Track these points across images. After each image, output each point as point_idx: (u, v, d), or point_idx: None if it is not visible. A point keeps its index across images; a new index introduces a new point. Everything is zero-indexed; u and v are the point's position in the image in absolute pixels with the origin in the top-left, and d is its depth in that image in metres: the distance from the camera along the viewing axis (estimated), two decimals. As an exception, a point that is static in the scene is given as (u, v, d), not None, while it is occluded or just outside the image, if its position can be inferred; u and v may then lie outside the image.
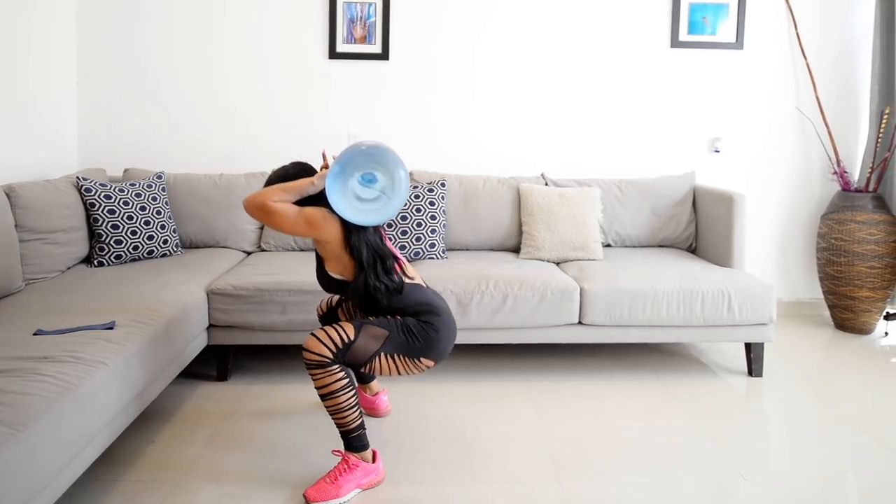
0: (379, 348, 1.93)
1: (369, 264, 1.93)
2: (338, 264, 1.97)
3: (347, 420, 1.94)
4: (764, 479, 2.08)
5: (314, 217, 1.90)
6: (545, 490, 1.99)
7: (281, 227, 1.92)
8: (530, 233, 3.25)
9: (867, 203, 3.50)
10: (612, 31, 3.71)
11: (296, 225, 1.91)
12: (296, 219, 1.90)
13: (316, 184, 1.92)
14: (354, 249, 1.92)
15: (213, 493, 1.94)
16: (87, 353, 1.82)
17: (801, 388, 2.83)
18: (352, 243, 1.92)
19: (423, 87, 3.68)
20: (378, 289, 1.94)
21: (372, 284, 1.93)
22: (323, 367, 1.89)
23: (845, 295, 3.55)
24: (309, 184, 1.92)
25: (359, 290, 1.95)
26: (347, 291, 2.00)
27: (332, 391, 1.90)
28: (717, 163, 3.81)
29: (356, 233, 1.93)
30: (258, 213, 1.91)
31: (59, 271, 2.73)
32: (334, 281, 2.01)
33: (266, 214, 1.90)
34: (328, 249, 1.96)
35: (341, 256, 1.95)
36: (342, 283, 2.00)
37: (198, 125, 3.64)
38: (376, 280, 1.94)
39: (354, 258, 1.93)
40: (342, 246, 1.93)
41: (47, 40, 3.26)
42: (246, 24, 3.61)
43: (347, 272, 1.97)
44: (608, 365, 3.02)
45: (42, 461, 1.49)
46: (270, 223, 1.93)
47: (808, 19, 3.73)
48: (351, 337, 1.91)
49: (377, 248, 1.96)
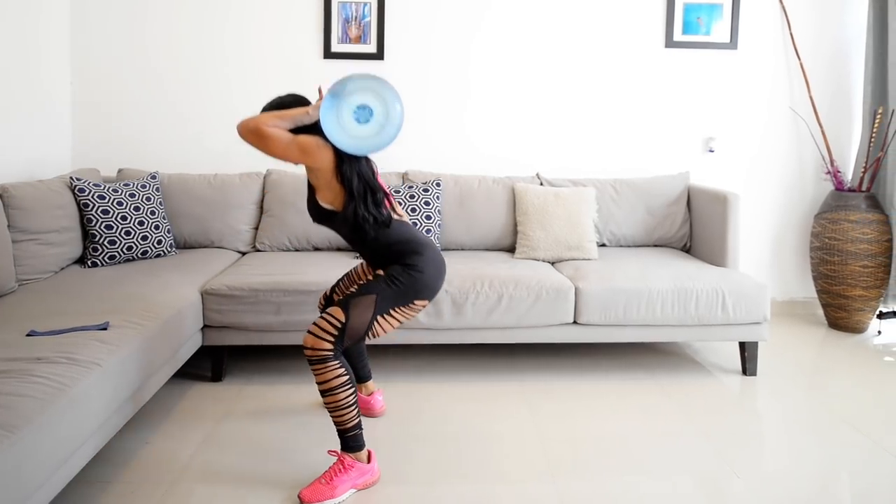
0: (373, 314, 1.94)
1: (360, 194, 1.93)
2: (329, 193, 1.96)
3: (346, 418, 1.95)
4: (758, 477, 2.09)
5: (307, 143, 1.90)
6: (540, 489, 2.00)
7: (274, 153, 1.91)
8: (525, 232, 3.26)
9: (860, 202, 3.51)
10: (607, 31, 3.71)
11: (288, 150, 1.90)
12: (289, 144, 1.89)
13: (311, 114, 1.92)
14: (346, 178, 1.92)
15: (207, 494, 1.94)
16: (81, 354, 1.81)
17: (794, 386, 2.84)
18: (343, 172, 1.92)
19: (419, 87, 3.68)
20: (366, 219, 1.94)
21: (361, 214, 1.93)
22: (324, 361, 1.90)
23: (839, 294, 3.56)
24: (304, 113, 1.92)
25: (348, 219, 1.94)
26: (336, 221, 1.99)
27: (332, 387, 1.91)
28: (712, 162, 3.83)
29: (349, 162, 1.93)
30: (252, 137, 1.90)
31: (52, 272, 2.71)
32: (324, 211, 2.00)
33: (260, 139, 1.89)
34: (320, 178, 1.95)
35: (332, 185, 1.94)
36: (331, 213, 1.99)
37: (192, 125, 3.63)
38: (365, 210, 1.94)
39: (345, 187, 1.93)
40: (334, 174, 1.93)
41: (40, 39, 3.24)
42: (240, 24, 3.60)
43: (337, 202, 1.96)
44: (603, 364, 3.03)
45: (36, 462, 1.48)
46: (264, 148, 1.91)
47: (802, 20, 3.75)
48: (342, 319, 1.91)
49: (368, 179, 1.97)
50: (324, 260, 3.02)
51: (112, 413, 1.88)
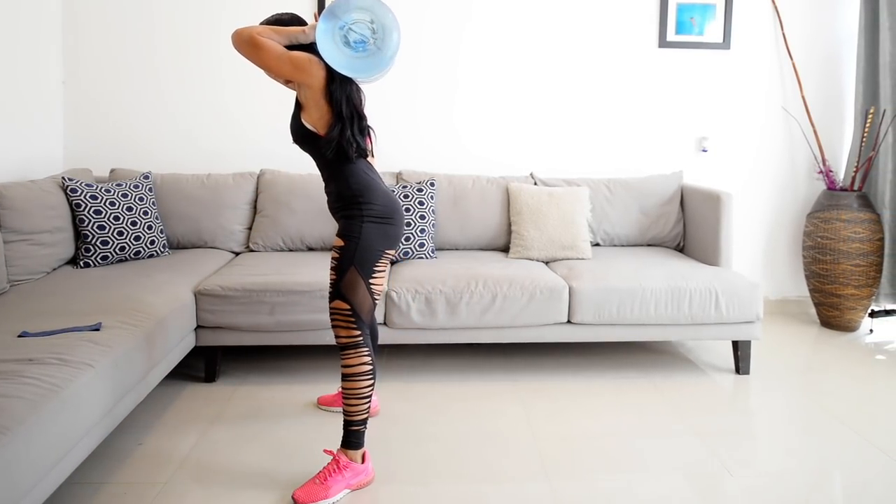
0: (363, 283, 1.95)
1: (347, 117, 1.93)
2: (315, 112, 1.94)
3: (357, 409, 1.96)
4: (751, 475, 2.10)
5: (300, 58, 1.89)
6: (535, 488, 2.00)
7: (266, 64, 1.90)
8: (519, 232, 3.26)
9: (852, 202, 3.53)
10: (600, 31, 3.72)
11: (280, 63, 1.89)
12: (281, 57, 1.88)
13: (307, 33, 1.91)
14: (334, 98, 1.91)
15: (201, 495, 1.93)
16: (73, 355, 1.80)
17: (787, 385, 2.85)
18: (333, 91, 1.91)
19: (411, 87, 3.68)
20: (350, 143, 1.93)
21: (346, 137, 1.92)
22: (357, 346, 1.96)
23: (831, 293, 3.58)
24: (300, 31, 1.92)
25: (332, 140, 1.92)
26: (319, 143, 1.95)
27: (357, 373, 1.95)
28: (705, 162, 3.84)
29: (339, 83, 1.92)
30: (245, 46, 1.89)
31: (44, 272, 2.70)
32: (306, 132, 1.97)
33: (253, 48, 1.88)
34: (309, 96, 1.94)
35: (320, 104, 1.93)
36: (313, 136, 1.96)
37: (185, 125, 3.61)
38: (351, 135, 1.93)
39: (334, 108, 1.92)
40: (323, 93, 1.91)
41: (32, 39, 3.23)
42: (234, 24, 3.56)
43: (321, 125, 1.94)
44: (597, 363, 3.04)
45: (27, 464, 1.47)
46: (256, 58, 1.90)
47: (795, 20, 3.77)
48: (347, 306, 1.94)
49: (357, 105, 1.97)
50: (318, 260, 3.02)
51: (105, 414, 1.87)
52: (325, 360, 2.98)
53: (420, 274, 2.82)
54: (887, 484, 2.07)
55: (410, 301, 2.71)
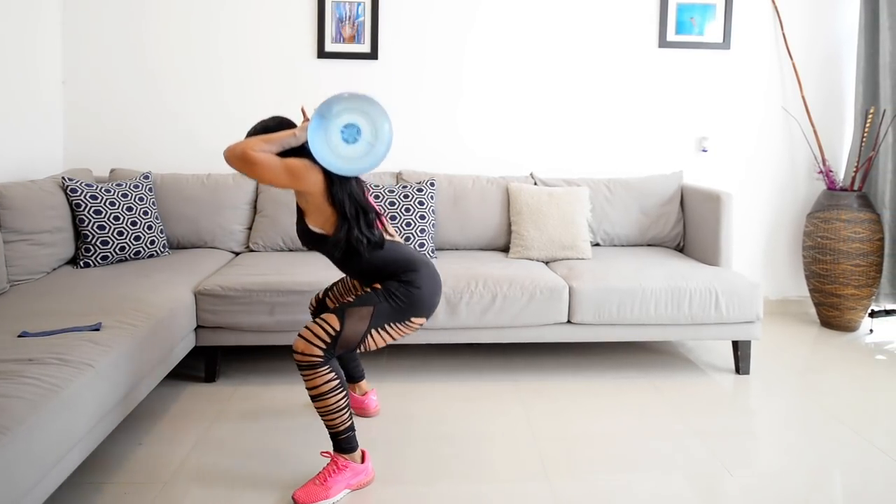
0: (368, 327, 1.92)
1: (352, 216, 1.90)
2: (319, 217, 1.93)
3: (337, 421, 1.94)
4: (751, 475, 2.10)
5: (296, 167, 1.86)
6: (535, 488, 2.00)
7: (263, 178, 1.88)
8: (519, 232, 3.26)
9: (852, 202, 3.53)
10: (601, 31, 3.72)
11: (278, 175, 1.86)
12: (278, 169, 1.85)
13: (298, 136, 1.88)
14: (337, 200, 1.89)
15: (201, 496, 1.93)
16: (73, 355, 1.80)
17: (787, 385, 2.85)
18: (334, 194, 1.89)
19: (413, 87, 3.68)
20: (360, 241, 1.91)
21: (354, 237, 1.90)
22: (314, 367, 1.88)
23: (831, 293, 3.58)
24: (291, 135, 1.88)
25: (340, 242, 1.91)
26: (327, 245, 1.95)
27: (322, 392, 1.89)
28: (705, 162, 3.84)
29: (339, 184, 1.90)
30: (239, 163, 1.86)
31: (44, 272, 2.70)
32: (315, 235, 1.97)
33: (247, 164, 1.85)
34: (310, 201, 1.92)
35: (323, 208, 1.91)
36: (322, 237, 1.96)
37: (185, 125, 3.62)
38: (359, 232, 1.91)
39: (337, 210, 1.90)
40: (324, 197, 1.90)
41: (32, 39, 3.23)
42: (234, 24, 3.59)
43: (328, 225, 1.93)
44: (597, 363, 3.04)
45: (27, 464, 1.47)
46: (252, 173, 1.87)
47: (795, 20, 3.77)
48: (336, 327, 1.89)
49: (360, 200, 1.93)
50: (317, 260, 3.02)
51: (105, 414, 1.87)
52: (325, 360, 2.98)
53: (420, 274, 2.82)
54: (887, 484, 2.07)
55: (410, 301, 2.71)
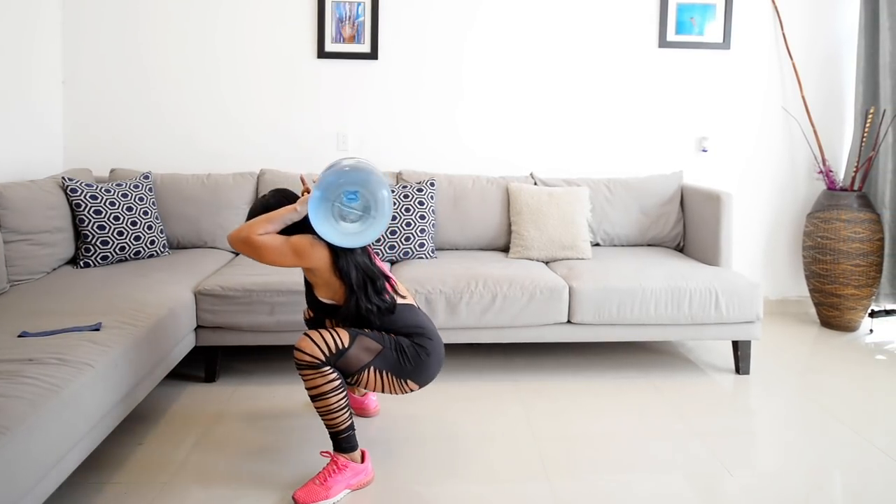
0: (370, 361, 1.93)
1: (360, 286, 1.91)
2: (328, 290, 1.96)
3: (337, 421, 1.94)
4: (751, 475, 2.10)
5: (301, 245, 1.88)
6: (535, 488, 2.00)
7: (268, 260, 1.90)
8: (519, 232, 3.26)
9: (852, 202, 3.53)
10: (601, 31, 3.72)
11: (283, 256, 1.88)
12: (282, 250, 1.88)
13: (298, 210, 1.90)
14: (343, 273, 1.90)
15: (201, 496, 1.93)
16: (73, 355, 1.80)
17: (787, 385, 2.85)
18: (340, 267, 1.90)
19: (413, 87, 3.68)
20: (370, 310, 1.93)
21: (364, 307, 1.92)
22: (314, 367, 1.88)
23: (831, 293, 3.58)
24: (291, 211, 1.90)
25: (350, 313, 1.93)
26: (339, 314, 1.97)
27: (322, 392, 1.89)
28: (705, 162, 3.84)
29: (344, 256, 1.91)
30: (244, 248, 1.89)
31: (44, 272, 2.70)
32: (326, 306, 1.99)
33: (252, 249, 1.88)
34: (318, 276, 1.94)
35: (331, 281, 1.93)
36: (334, 307, 1.98)
37: (185, 125, 3.62)
38: (367, 302, 1.92)
39: (344, 282, 1.91)
40: (331, 271, 1.91)
41: (32, 39, 3.23)
42: (234, 24, 3.59)
43: (338, 296, 1.95)
44: (597, 363, 3.04)
45: (27, 464, 1.47)
46: (257, 257, 1.90)
47: (795, 20, 3.77)
48: (346, 344, 1.89)
49: (367, 268, 1.94)
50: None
51: (105, 414, 1.87)
52: (325, 360, 2.98)
53: (420, 274, 2.82)
54: (887, 484, 2.07)
55: (410, 301, 2.71)
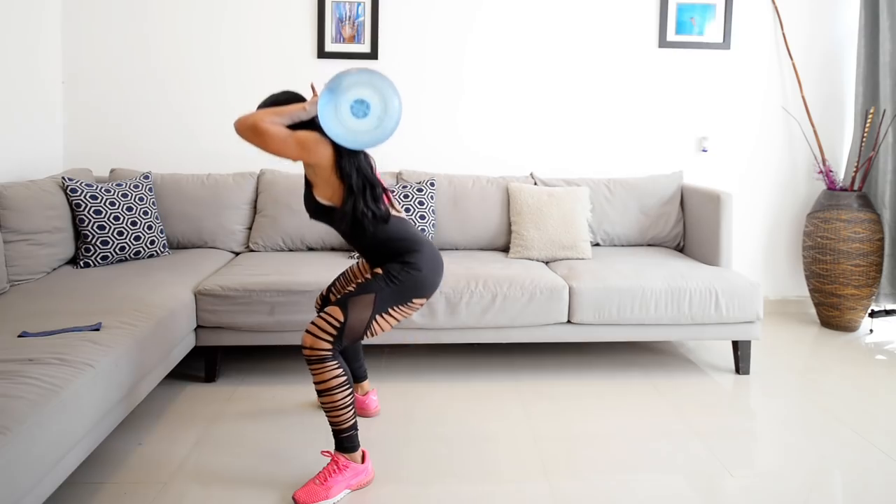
0: (371, 313, 1.93)
1: (359, 189, 1.93)
2: (327, 189, 1.95)
3: (342, 419, 1.94)
4: (751, 475, 2.10)
5: (306, 139, 1.89)
6: (535, 488, 2.00)
7: (272, 149, 1.90)
8: (519, 232, 3.26)
9: (852, 202, 3.53)
10: (601, 31, 3.72)
11: (287, 146, 1.89)
12: (287, 140, 1.88)
13: (308, 109, 1.91)
14: (345, 174, 1.91)
15: (201, 496, 1.93)
16: (73, 355, 1.80)
17: (787, 385, 2.85)
18: (343, 167, 1.91)
19: (413, 87, 3.68)
20: (365, 215, 1.93)
21: (360, 210, 1.92)
22: (322, 361, 1.90)
23: (831, 293, 3.58)
24: (301, 109, 1.91)
25: (346, 215, 1.93)
26: (334, 217, 1.97)
27: (330, 387, 1.91)
28: (705, 162, 3.84)
29: (348, 157, 1.92)
30: (249, 134, 1.88)
31: (44, 272, 2.70)
32: (321, 207, 1.99)
33: (257, 135, 1.87)
34: (318, 174, 1.94)
35: (331, 181, 1.93)
36: (328, 209, 1.98)
37: (185, 125, 3.62)
38: (364, 206, 1.93)
39: (344, 183, 1.92)
40: (333, 170, 1.92)
41: (32, 39, 3.23)
42: (234, 24, 3.59)
43: (336, 198, 1.95)
44: (597, 363, 3.04)
45: (27, 464, 1.47)
46: (261, 144, 1.89)
47: (795, 20, 3.77)
48: (341, 319, 1.90)
49: (367, 174, 1.96)
50: (318, 260, 3.02)
51: (105, 414, 1.87)
52: (325, 360, 2.98)
53: (420, 274, 2.82)
54: (887, 484, 2.07)
55: (410, 301, 2.71)
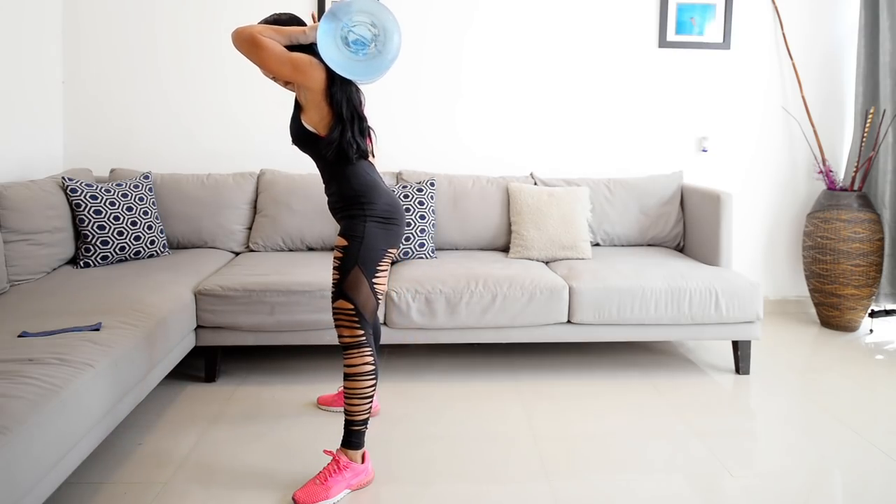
0: (367, 282, 1.95)
1: (347, 119, 1.93)
2: (315, 114, 1.95)
3: (359, 409, 1.96)
4: (751, 475, 2.10)
5: (301, 60, 1.89)
6: (535, 488, 2.00)
7: (266, 64, 1.90)
8: (519, 232, 3.26)
9: (852, 202, 3.53)
10: (601, 31, 3.72)
11: (281, 63, 1.89)
12: (282, 57, 1.88)
13: (308, 34, 1.91)
14: (335, 101, 1.92)
15: (201, 496, 1.93)
16: (73, 355, 1.80)
17: (787, 385, 2.85)
18: (333, 94, 1.91)
19: (413, 87, 3.68)
20: (351, 145, 1.93)
21: (347, 139, 1.93)
22: (360, 346, 1.95)
23: (831, 293, 3.58)
24: (301, 32, 1.92)
25: (333, 142, 1.92)
26: (320, 145, 1.95)
27: (360, 373, 1.94)
28: (705, 162, 3.84)
29: (340, 85, 1.92)
30: (245, 45, 1.88)
31: (44, 272, 2.70)
32: (305, 133, 1.97)
33: (254, 48, 1.87)
34: (309, 98, 1.94)
35: (321, 106, 1.93)
36: (312, 137, 1.96)
37: (185, 125, 3.62)
38: (351, 136, 1.94)
39: (334, 110, 1.93)
40: (324, 95, 1.92)
41: (33, 38, 3.23)
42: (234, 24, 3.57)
43: (321, 126, 1.95)
44: (597, 363, 3.04)
45: (27, 464, 1.47)
46: (257, 58, 1.90)
47: (795, 20, 3.77)
48: (350, 305, 1.94)
49: (357, 106, 1.97)
50: (318, 260, 3.02)
51: (105, 414, 1.87)
52: (326, 359, 2.98)
53: (420, 274, 2.82)
54: (887, 484, 2.07)
55: (410, 301, 2.71)
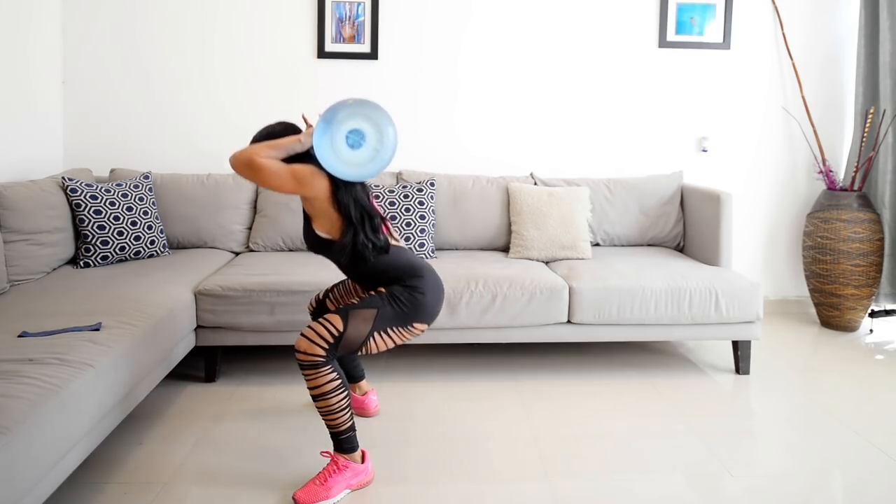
0: (371, 329, 1.92)
1: (358, 221, 1.92)
2: (325, 222, 1.95)
3: (338, 421, 1.94)
4: (751, 475, 2.10)
5: (302, 173, 1.87)
6: (535, 488, 2.00)
7: (269, 184, 1.89)
8: (519, 232, 3.26)
9: (852, 202, 3.53)
10: (601, 31, 3.72)
11: (283, 181, 1.87)
12: (283, 174, 1.87)
13: (303, 141, 1.90)
14: (342, 206, 1.91)
15: (201, 496, 1.93)
16: (73, 355, 1.80)
17: (787, 385, 2.85)
18: (340, 199, 1.91)
19: (413, 87, 3.68)
20: (365, 245, 1.93)
21: (360, 241, 1.92)
22: (316, 367, 1.88)
23: (831, 293, 3.58)
24: (296, 141, 1.90)
25: (346, 247, 1.93)
26: (333, 250, 1.97)
27: (324, 392, 1.89)
28: (705, 162, 3.84)
29: (345, 189, 1.91)
30: (245, 169, 1.87)
31: (44, 272, 2.70)
32: (321, 240, 1.98)
33: (253, 171, 1.86)
34: (316, 206, 1.94)
35: (329, 213, 1.93)
36: (328, 242, 1.97)
37: (185, 125, 3.61)
38: (364, 237, 1.93)
39: (342, 215, 1.92)
40: (330, 202, 1.91)
41: (32, 38, 3.22)
42: (234, 24, 3.59)
43: (335, 230, 1.95)
44: (597, 363, 3.04)
45: (27, 464, 1.47)
46: (258, 180, 1.88)
47: (795, 20, 3.77)
48: (340, 328, 1.89)
49: (365, 205, 1.96)
50: (318, 260, 3.01)
51: (105, 414, 1.87)
52: (325, 360, 2.98)
53: (420, 274, 2.82)
54: (887, 484, 2.07)
55: (410, 301, 2.71)
